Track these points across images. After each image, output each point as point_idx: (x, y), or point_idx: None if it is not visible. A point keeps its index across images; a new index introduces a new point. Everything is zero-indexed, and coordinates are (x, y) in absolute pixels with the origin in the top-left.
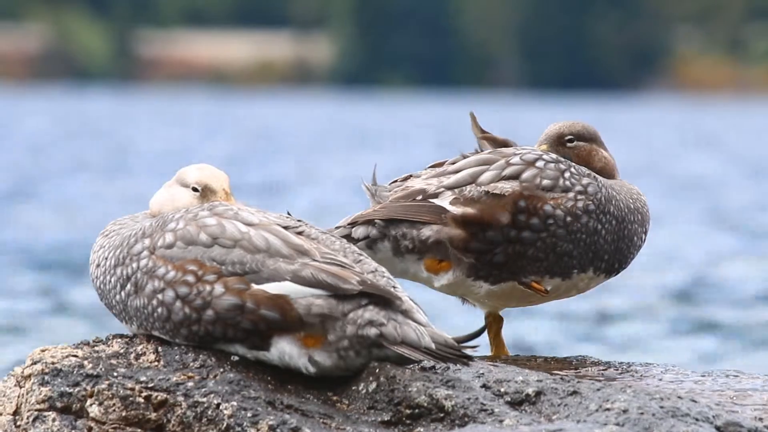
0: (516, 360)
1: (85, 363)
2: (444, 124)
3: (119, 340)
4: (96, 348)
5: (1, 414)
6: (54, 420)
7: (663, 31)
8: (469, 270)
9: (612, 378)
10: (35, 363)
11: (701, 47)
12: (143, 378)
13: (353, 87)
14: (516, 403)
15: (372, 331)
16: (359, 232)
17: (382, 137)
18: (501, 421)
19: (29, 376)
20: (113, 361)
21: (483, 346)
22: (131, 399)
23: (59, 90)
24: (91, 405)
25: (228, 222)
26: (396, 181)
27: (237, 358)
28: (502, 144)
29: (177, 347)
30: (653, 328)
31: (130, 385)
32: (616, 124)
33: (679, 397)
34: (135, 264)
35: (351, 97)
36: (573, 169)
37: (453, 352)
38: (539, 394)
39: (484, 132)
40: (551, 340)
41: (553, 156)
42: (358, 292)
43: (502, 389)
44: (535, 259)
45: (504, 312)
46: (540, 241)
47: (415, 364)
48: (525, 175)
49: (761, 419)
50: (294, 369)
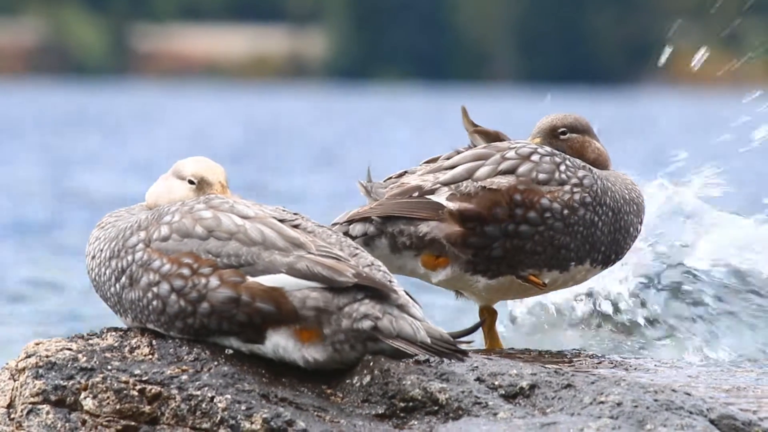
0: (510, 353)
1: (80, 356)
2: (438, 119)
3: (113, 333)
4: (90, 341)
5: None
6: (48, 413)
7: (659, 25)
8: (467, 265)
9: (606, 371)
10: (29, 356)
11: (697, 41)
12: (137, 371)
13: (348, 81)
14: (510, 396)
15: (367, 325)
16: (356, 229)
17: (375, 131)
18: (495, 414)
19: (23, 369)
20: (107, 355)
21: (477, 340)
22: (125, 392)
23: (56, 84)
24: (86, 398)
25: (224, 215)
26: (391, 178)
27: (231, 351)
28: (494, 137)
29: (171, 340)
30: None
31: (124, 378)
32: (615, 118)
33: (674, 390)
34: (130, 257)
35: (346, 92)
36: (568, 162)
37: (448, 347)
38: (533, 387)
39: (475, 126)
40: None
41: (548, 149)
42: (353, 284)
43: (496, 382)
44: (533, 253)
45: (498, 305)
46: (538, 235)
47: (410, 357)
48: (521, 170)
49: (755, 412)
50: (289, 362)
